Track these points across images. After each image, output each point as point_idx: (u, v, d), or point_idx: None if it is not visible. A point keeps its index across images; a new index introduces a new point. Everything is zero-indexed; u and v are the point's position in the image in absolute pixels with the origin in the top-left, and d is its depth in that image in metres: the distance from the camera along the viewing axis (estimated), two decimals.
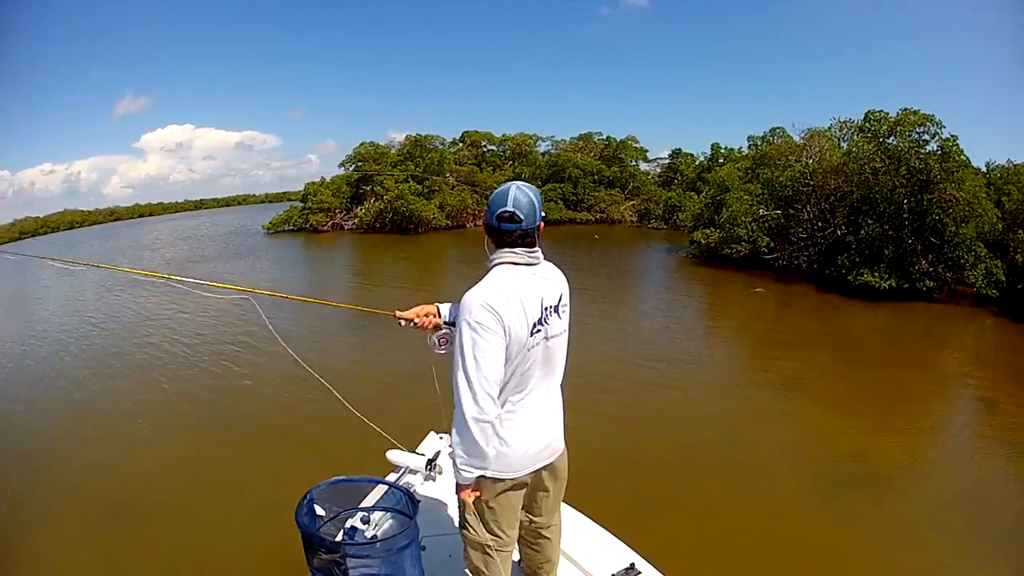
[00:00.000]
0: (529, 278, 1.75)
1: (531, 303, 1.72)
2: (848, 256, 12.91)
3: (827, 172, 14.52)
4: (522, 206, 1.74)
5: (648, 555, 2.30)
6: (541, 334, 1.75)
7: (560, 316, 1.81)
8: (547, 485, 1.93)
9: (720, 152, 28.99)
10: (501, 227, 1.75)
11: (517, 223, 1.74)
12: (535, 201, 1.76)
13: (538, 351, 1.76)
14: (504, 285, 1.71)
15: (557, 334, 1.81)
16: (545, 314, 1.76)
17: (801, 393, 7.23)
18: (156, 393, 7.83)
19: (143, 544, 4.50)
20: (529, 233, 1.76)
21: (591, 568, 2.26)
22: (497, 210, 1.75)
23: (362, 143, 35.44)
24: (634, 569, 2.22)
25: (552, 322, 1.78)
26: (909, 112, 12.31)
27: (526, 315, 1.70)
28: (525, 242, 1.77)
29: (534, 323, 1.72)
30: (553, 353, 1.82)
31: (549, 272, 1.84)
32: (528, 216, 1.74)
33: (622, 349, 9.02)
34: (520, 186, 1.78)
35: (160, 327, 11.58)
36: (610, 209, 30.57)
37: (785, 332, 10.20)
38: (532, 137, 37.39)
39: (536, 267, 1.79)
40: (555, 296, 1.80)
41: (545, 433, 1.85)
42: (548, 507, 1.99)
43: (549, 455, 1.87)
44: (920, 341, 10.00)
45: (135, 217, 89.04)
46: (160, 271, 8.07)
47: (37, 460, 6.13)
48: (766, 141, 17.52)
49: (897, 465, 5.45)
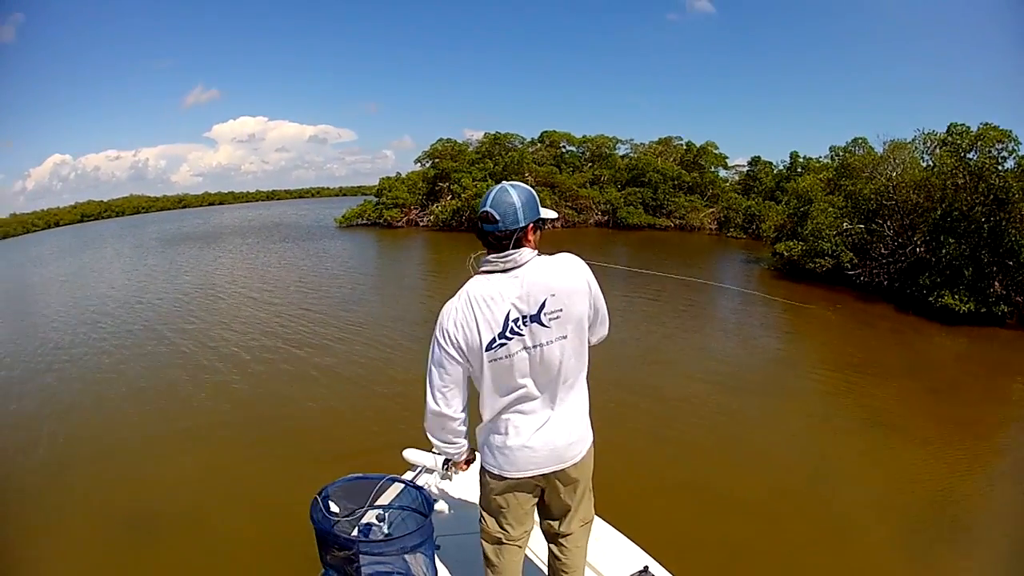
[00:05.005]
0: (500, 289, 1.80)
1: (493, 318, 1.79)
2: (930, 276, 13.22)
3: (909, 186, 14.97)
4: (500, 206, 1.79)
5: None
6: (512, 346, 1.80)
7: (546, 324, 1.80)
8: (559, 492, 1.99)
9: (799, 161, 29.58)
10: (483, 228, 1.82)
11: (494, 224, 1.79)
12: (519, 202, 1.80)
13: (518, 361, 1.81)
14: (467, 300, 1.82)
15: (544, 343, 1.81)
16: (514, 326, 1.78)
17: (887, 427, 7.32)
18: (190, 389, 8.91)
19: (161, 556, 4.91)
20: (506, 236, 1.79)
21: (605, 570, 2.38)
22: (479, 210, 1.84)
23: (439, 139, 37.04)
24: (648, 572, 2.33)
25: (532, 332, 1.80)
26: (989, 127, 12.82)
27: (480, 334, 1.79)
28: (500, 245, 1.81)
29: (492, 339, 1.79)
30: (549, 361, 1.83)
31: (537, 275, 1.82)
32: (506, 217, 1.78)
33: (708, 372, 9.43)
34: (507, 186, 1.84)
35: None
36: (689, 216, 31.25)
37: (869, 357, 10.41)
38: (612, 139, 38.33)
39: (515, 271, 1.81)
40: (535, 303, 1.79)
41: (548, 440, 1.89)
42: (562, 514, 2.07)
43: (556, 462, 1.92)
44: (997, 370, 10.07)
45: (204, 205, 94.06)
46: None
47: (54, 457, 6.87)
48: (849, 152, 17.95)
49: (982, 515, 5.57)
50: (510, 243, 1.80)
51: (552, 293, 1.79)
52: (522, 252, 1.82)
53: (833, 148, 19.24)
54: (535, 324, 1.79)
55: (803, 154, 29.77)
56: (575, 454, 1.95)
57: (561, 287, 1.81)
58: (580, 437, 1.96)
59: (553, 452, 1.90)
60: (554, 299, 1.79)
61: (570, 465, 1.94)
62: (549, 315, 1.80)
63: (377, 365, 9.69)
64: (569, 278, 1.84)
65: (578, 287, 1.85)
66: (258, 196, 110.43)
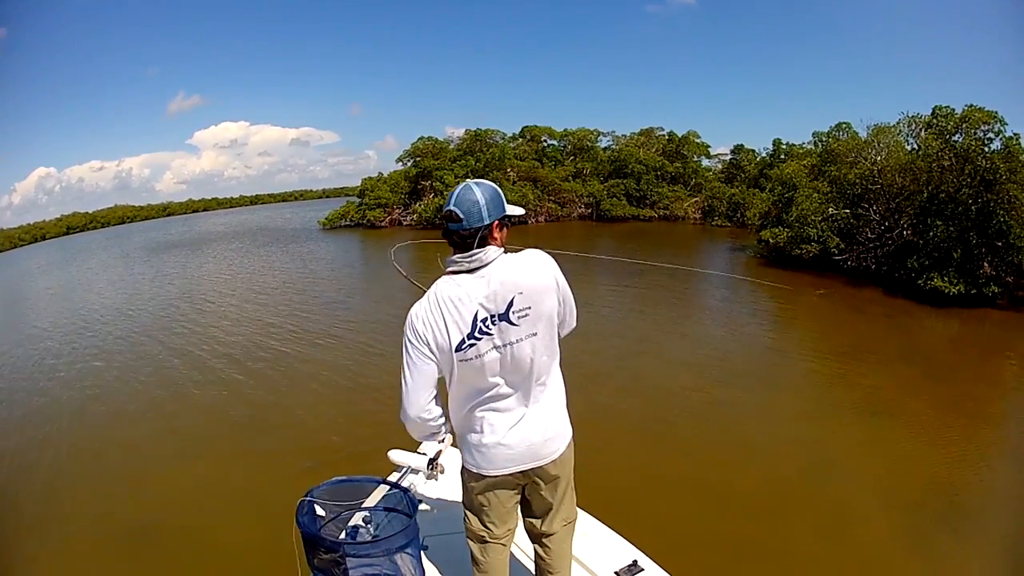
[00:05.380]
0: (467, 289, 1.79)
1: (461, 318, 1.78)
2: (918, 259, 13.28)
3: (895, 170, 14.97)
4: (463, 204, 1.78)
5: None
6: (482, 346, 1.79)
7: (514, 322, 1.79)
8: (540, 490, 2.01)
9: (782, 148, 29.65)
10: (448, 227, 1.82)
11: (458, 223, 1.78)
12: (483, 200, 1.78)
13: (488, 360, 1.81)
14: (434, 302, 1.81)
15: (514, 341, 1.80)
16: (483, 325, 1.78)
17: (884, 414, 7.30)
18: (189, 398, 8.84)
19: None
20: (471, 234, 1.78)
21: (594, 565, 2.38)
22: (444, 209, 1.83)
23: (420, 138, 36.65)
24: (637, 566, 2.33)
25: (501, 330, 1.79)
26: (974, 109, 12.81)
27: (449, 335, 1.78)
28: (465, 244, 1.79)
29: (461, 340, 1.78)
30: (520, 359, 1.82)
31: (503, 273, 1.80)
32: (470, 215, 1.77)
33: (698, 363, 9.37)
34: (471, 184, 1.82)
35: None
36: (673, 206, 31.23)
37: (861, 342, 10.41)
38: (594, 132, 38.20)
39: (481, 271, 1.80)
40: (503, 302, 1.78)
41: (524, 437, 1.89)
42: (543, 512, 2.07)
43: (532, 459, 1.92)
44: (989, 351, 10.15)
45: (188, 212, 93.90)
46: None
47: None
48: (832, 137, 17.87)
49: (984, 501, 5.57)
50: (475, 242, 1.79)
51: (520, 291, 1.79)
52: (487, 251, 1.80)
53: (816, 134, 19.20)
54: (504, 323, 1.79)
55: (786, 141, 29.89)
56: (553, 450, 1.95)
57: (528, 285, 1.81)
58: (557, 433, 1.97)
59: (530, 449, 1.91)
60: (522, 297, 1.79)
61: (548, 462, 1.95)
62: (518, 313, 1.80)
63: (361, 368, 9.58)
64: (536, 275, 1.84)
65: (545, 284, 1.85)
66: (242, 201, 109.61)
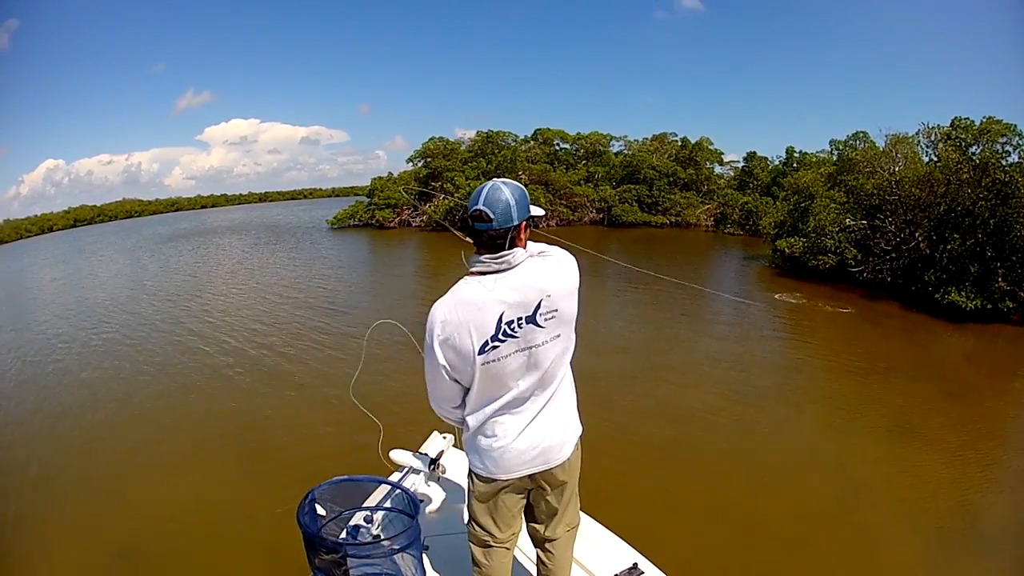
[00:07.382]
0: (492, 290, 1.77)
1: (485, 321, 1.75)
2: (935, 273, 13.16)
3: (912, 181, 14.92)
4: (494, 204, 1.75)
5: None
6: (506, 348, 1.77)
7: (541, 324, 1.78)
8: (545, 495, 2.00)
9: (795, 156, 29.70)
10: (474, 227, 1.78)
11: (487, 223, 1.75)
12: (513, 201, 1.76)
13: (511, 363, 1.79)
14: (457, 303, 1.78)
15: (539, 344, 1.79)
16: (508, 328, 1.76)
17: (908, 434, 7.30)
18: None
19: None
20: (501, 235, 1.76)
21: (594, 568, 2.38)
22: (471, 208, 1.79)
23: (431, 138, 36.81)
24: (637, 569, 2.34)
25: (526, 333, 1.77)
26: (993, 121, 12.82)
27: (472, 338, 1.75)
28: (495, 245, 1.77)
29: (484, 342, 1.75)
30: (540, 362, 1.82)
31: (531, 276, 1.79)
32: (500, 216, 1.74)
33: (717, 380, 9.30)
34: (499, 183, 1.80)
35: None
36: (685, 212, 31.23)
37: (882, 359, 10.27)
38: (606, 136, 38.32)
39: (506, 272, 1.79)
40: (530, 305, 1.76)
41: (537, 440, 1.89)
42: (548, 517, 2.07)
43: (543, 462, 1.91)
44: (1005, 369, 10.12)
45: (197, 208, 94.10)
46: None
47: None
48: (849, 146, 17.85)
49: (1005, 525, 5.60)
50: (505, 242, 1.77)
51: (547, 294, 1.77)
52: (515, 253, 1.79)
53: (833, 142, 19.16)
54: (531, 325, 1.77)
55: (799, 149, 29.98)
56: (563, 454, 1.95)
57: (556, 288, 1.79)
58: (568, 436, 1.97)
59: (540, 452, 1.90)
60: (549, 300, 1.77)
61: (556, 465, 1.94)
62: (545, 315, 1.78)
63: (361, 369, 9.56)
64: (563, 279, 1.83)
65: (571, 287, 1.84)
66: (251, 198, 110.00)
